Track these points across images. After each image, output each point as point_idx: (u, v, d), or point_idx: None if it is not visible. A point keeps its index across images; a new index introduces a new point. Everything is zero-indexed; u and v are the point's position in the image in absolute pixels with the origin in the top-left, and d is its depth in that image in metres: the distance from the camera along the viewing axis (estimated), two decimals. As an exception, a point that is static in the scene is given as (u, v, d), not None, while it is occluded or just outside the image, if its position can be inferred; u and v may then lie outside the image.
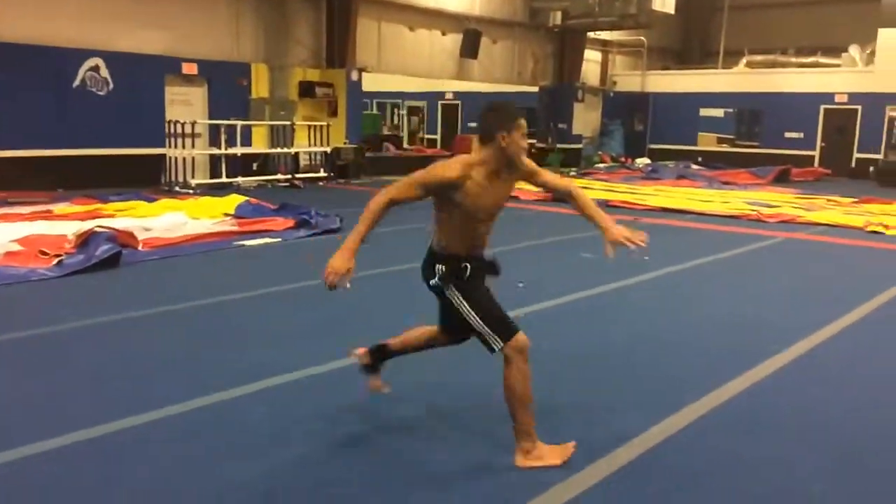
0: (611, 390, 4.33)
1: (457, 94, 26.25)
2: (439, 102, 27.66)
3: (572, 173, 19.91)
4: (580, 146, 23.80)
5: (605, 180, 18.21)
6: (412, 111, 29.46)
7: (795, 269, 8.32)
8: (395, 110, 29.87)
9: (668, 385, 4.43)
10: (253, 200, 10.80)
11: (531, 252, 8.77)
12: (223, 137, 14.25)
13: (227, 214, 10.11)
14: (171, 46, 14.19)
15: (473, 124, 25.67)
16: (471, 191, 3.17)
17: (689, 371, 4.71)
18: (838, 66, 22.32)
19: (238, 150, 14.44)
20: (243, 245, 8.56)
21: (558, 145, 23.30)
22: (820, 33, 23.57)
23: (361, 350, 3.76)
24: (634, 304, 6.45)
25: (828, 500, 3.16)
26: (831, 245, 9.90)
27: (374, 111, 29.99)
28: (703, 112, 24.41)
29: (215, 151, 14.23)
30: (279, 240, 8.91)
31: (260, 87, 15.63)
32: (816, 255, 9.31)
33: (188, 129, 13.92)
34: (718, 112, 24.29)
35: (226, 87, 14.98)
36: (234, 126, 14.42)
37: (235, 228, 9.40)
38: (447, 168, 3.19)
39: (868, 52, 21.61)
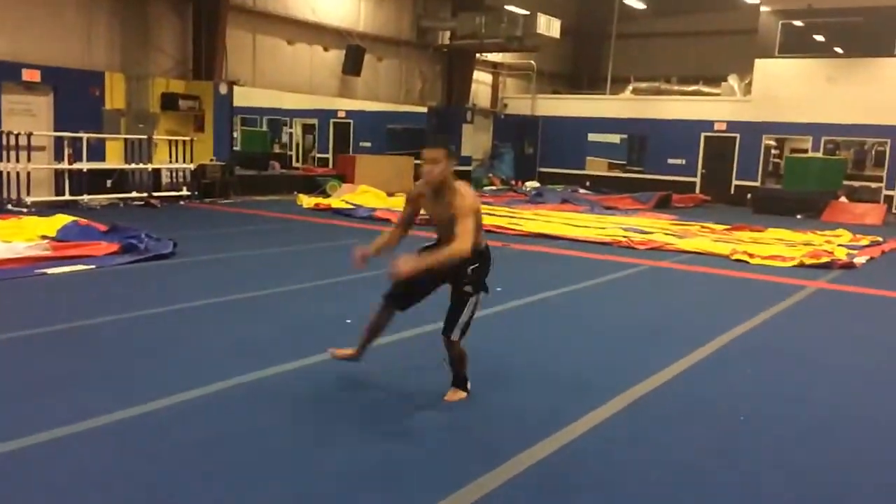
0: (399, 453, 3.65)
1: (349, 113, 25.48)
2: (331, 121, 26.78)
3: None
4: (470, 168, 23.43)
5: (489, 203, 17.81)
6: (307, 129, 28.53)
7: (649, 302, 7.91)
8: (284, 128, 28.86)
9: (459, 451, 3.79)
10: (81, 221, 9.70)
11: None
12: (67, 151, 13.02)
13: (44, 237, 9.01)
14: (9, 50, 12.89)
15: (366, 143, 25.15)
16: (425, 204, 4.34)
17: (489, 436, 4.08)
18: (718, 94, 22.83)
19: (84, 166, 13.21)
20: (45, 273, 7.52)
21: (447, 167, 22.83)
22: (702, 63, 24.13)
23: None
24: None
25: None
26: (695, 274, 9.64)
27: (264, 128, 28.94)
28: (596, 137, 24.50)
29: (55, 166, 12.98)
30: (92, 267, 7.91)
31: (115, 97, 14.44)
32: (677, 285, 9.02)
33: (25, 142, 12.61)
34: (614, 138, 24.44)
35: (75, 96, 13.72)
36: (81, 139, 13.20)
37: (48, 253, 8.33)
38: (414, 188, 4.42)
39: (746, 81, 22.20)
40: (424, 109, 22.63)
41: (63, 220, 9.61)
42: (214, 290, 7.05)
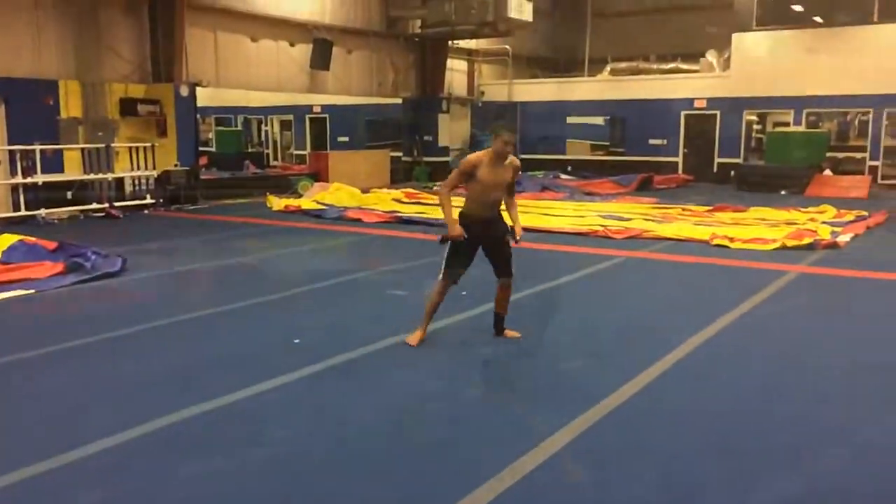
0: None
1: (324, 107, 24.96)
2: (307, 116, 26.29)
3: (435, 188, 19.02)
4: (448, 158, 22.97)
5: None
6: (284, 125, 28.01)
7: (618, 301, 7.49)
8: (261, 126, 28.32)
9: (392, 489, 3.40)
10: (28, 240, 9.22)
11: (342, 287, 7.68)
12: (20, 165, 12.52)
13: (-13, 260, 8.56)
14: (-46, 63, 12.39)
15: (343, 138, 24.64)
16: (482, 172, 5.29)
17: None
18: (697, 71, 22.39)
19: (39, 179, 12.72)
20: (-23, 302, 7.09)
21: (424, 158, 22.42)
22: (679, 40, 23.60)
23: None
24: (387, 368, 5.41)
25: None
26: (671, 264, 9.26)
27: (238, 128, 28.34)
28: (577, 119, 24.00)
29: (8, 182, 12.48)
30: (31, 291, 7.47)
31: (71, 105, 13.91)
32: (651, 278, 8.62)
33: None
34: (595, 119, 23.96)
35: (28, 106, 13.20)
36: (34, 152, 12.70)
37: (-14, 278, 7.89)
38: (470, 159, 5.34)
39: (724, 56, 21.74)
40: (399, 101, 22.14)
41: (9, 239, 9.11)
42: (153, 314, 6.62)
